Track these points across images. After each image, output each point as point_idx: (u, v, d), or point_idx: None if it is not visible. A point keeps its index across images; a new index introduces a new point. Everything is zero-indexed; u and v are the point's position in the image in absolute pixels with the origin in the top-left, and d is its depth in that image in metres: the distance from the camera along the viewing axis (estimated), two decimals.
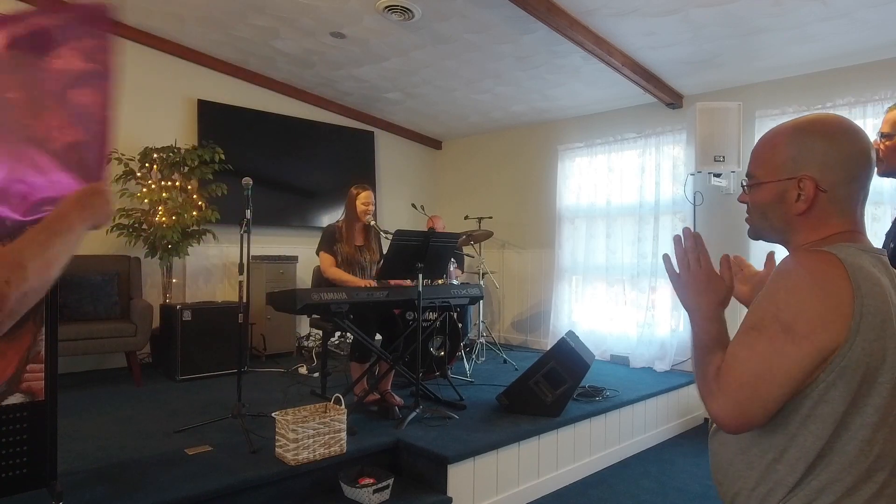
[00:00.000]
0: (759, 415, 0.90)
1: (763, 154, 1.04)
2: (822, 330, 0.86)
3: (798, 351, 0.87)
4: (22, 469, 2.07)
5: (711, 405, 0.94)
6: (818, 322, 0.87)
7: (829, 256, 0.91)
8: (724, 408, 0.92)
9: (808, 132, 0.99)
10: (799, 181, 0.97)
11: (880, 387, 0.88)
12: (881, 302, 0.88)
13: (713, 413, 0.94)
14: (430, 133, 7.17)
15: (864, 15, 3.54)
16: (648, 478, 3.42)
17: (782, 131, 1.02)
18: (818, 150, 0.97)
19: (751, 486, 0.96)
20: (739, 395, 0.91)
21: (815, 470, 0.90)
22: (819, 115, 1.02)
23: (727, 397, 0.92)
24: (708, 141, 4.39)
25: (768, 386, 0.88)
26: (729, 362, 0.94)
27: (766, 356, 0.89)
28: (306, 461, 2.58)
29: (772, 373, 0.88)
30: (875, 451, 0.88)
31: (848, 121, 1.00)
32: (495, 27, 4.17)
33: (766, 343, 0.89)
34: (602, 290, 5.54)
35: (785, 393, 0.89)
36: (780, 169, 1.00)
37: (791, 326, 0.88)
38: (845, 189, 0.97)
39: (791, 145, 0.99)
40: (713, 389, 0.94)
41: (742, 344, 0.93)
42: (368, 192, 3.70)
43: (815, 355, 0.87)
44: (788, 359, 0.87)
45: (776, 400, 0.89)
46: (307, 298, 3.11)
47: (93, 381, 4.26)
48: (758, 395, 0.89)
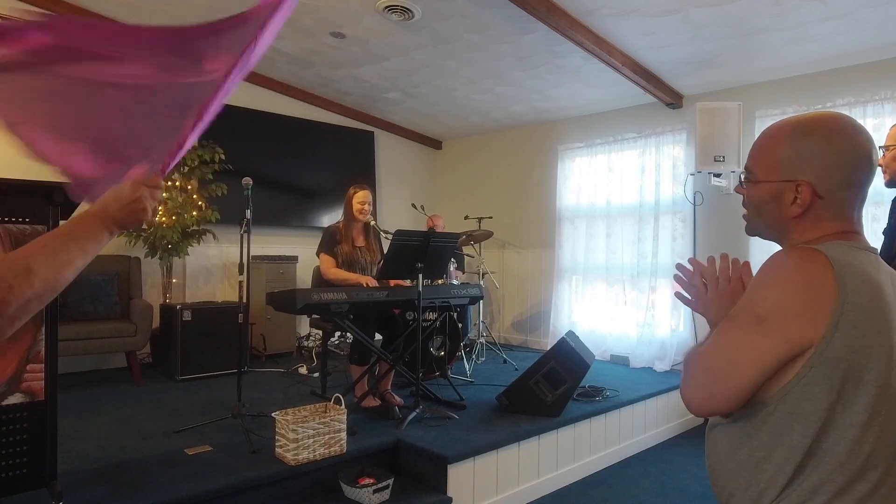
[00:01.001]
0: (722, 397, 0.93)
1: (762, 151, 1.03)
2: (796, 323, 0.87)
3: (767, 342, 0.89)
4: (22, 469, 2.07)
5: (682, 388, 0.99)
6: (792, 315, 0.88)
7: (814, 253, 0.91)
8: (691, 390, 0.97)
9: (809, 133, 0.97)
10: (797, 185, 0.96)
11: (868, 385, 0.88)
12: (869, 300, 0.88)
13: (682, 395, 0.99)
14: (430, 133, 7.17)
15: (864, 15, 3.54)
16: (648, 478, 3.42)
17: (783, 129, 1.00)
18: (817, 153, 0.95)
19: (743, 487, 0.96)
20: (705, 378, 0.95)
21: (805, 470, 0.90)
22: (821, 115, 1.00)
23: (694, 380, 0.97)
24: (708, 141, 4.39)
25: (733, 372, 0.91)
26: (703, 350, 0.98)
27: (735, 344, 0.92)
28: (306, 461, 2.58)
29: (738, 360, 0.91)
30: (866, 451, 0.88)
31: (850, 121, 0.98)
32: (495, 27, 4.17)
33: (739, 333, 0.93)
34: (602, 290, 5.54)
35: (750, 381, 0.91)
36: (778, 169, 0.99)
37: (763, 318, 0.90)
38: (842, 194, 0.96)
39: (791, 145, 0.98)
40: (684, 374, 0.99)
41: (717, 332, 0.98)
42: (365, 191, 3.69)
43: (785, 347, 0.88)
44: (756, 349, 0.90)
45: (741, 386, 0.91)
46: (307, 298, 3.11)
47: (93, 381, 4.26)
48: (722, 379, 0.93)
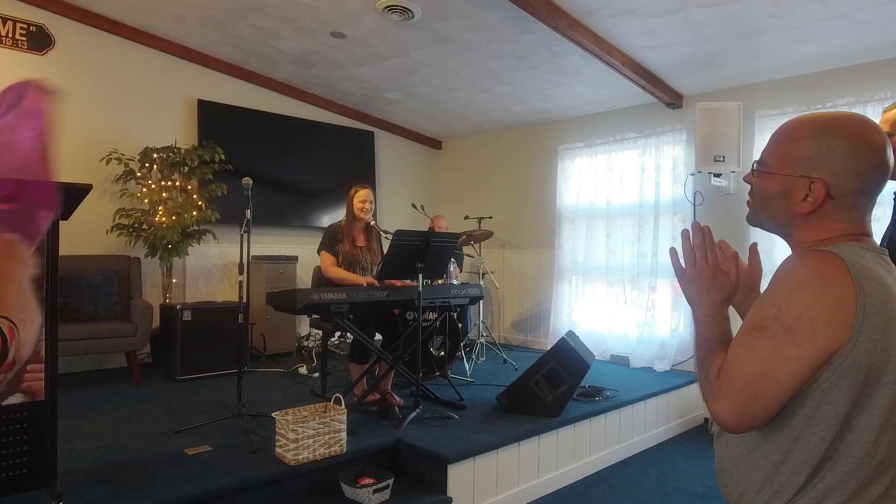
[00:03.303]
0: (761, 415, 0.90)
1: (781, 144, 1.00)
2: (824, 331, 0.85)
3: (799, 352, 0.86)
4: (22, 469, 2.07)
5: (713, 406, 0.94)
6: (819, 323, 0.86)
7: (831, 256, 0.90)
8: (726, 409, 0.91)
9: (834, 133, 0.94)
10: (811, 182, 0.95)
11: (885, 387, 0.87)
12: (884, 301, 0.87)
13: (715, 414, 0.93)
14: (430, 133, 7.17)
15: (864, 15, 3.54)
16: (648, 478, 3.42)
17: (808, 125, 0.98)
18: (839, 154, 0.93)
19: (756, 488, 0.95)
20: (741, 396, 0.90)
21: (820, 472, 0.89)
22: (848, 117, 0.97)
23: (729, 398, 0.91)
24: (708, 141, 4.39)
25: (770, 387, 0.88)
26: (731, 363, 0.93)
27: (768, 357, 0.88)
28: (306, 461, 2.57)
29: (773, 374, 0.88)
30: (881, 453, 0.88)
31: (874, 126, 0.95)
32: (495, 27, 4.17)
33: (768, 344, 0.89)
34: (602, 290, 5.54)
35: (786, 394, 0.88)
36: (795, 164, 0.97)
37: (792, 327, 0.87)
38: (854, 199, 0.95)
39: (813, 143, 0.95)
40: (715, 390, 0.94)
41: (744, 344, 0.92)
42: (367, 190, 3.69)
43: (816, 356, 0.86)
44: (790, 360, 0.87)
45: (777, 400, 0.89)
46: (307, 298, 3.11)
47: (93, 381, 4.26)
48: (759, 396, 0.89)
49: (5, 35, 4.33)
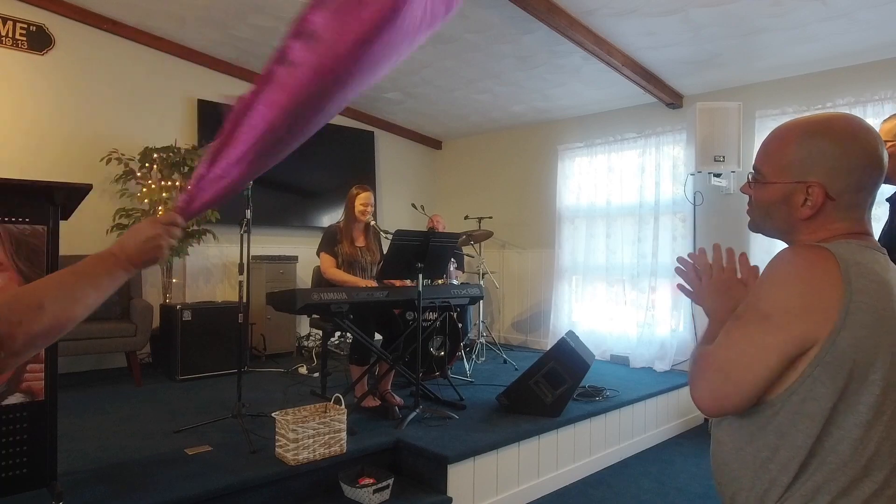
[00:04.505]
0: (734, 398, 0.93)
1: (772, 151, 1.02)
2: (800, 321, 0.87)
3: (771, 339, 0.89)
4: (22, 469, 2.07)
5: (692, 389, 0.99)
6: (796, 313, 0.88)
7: (821, 251, 0.91)
8: (700, 391, 0.96)
9: (821, 135, 0.96)
10: (808, 187, 0.96)
11: (872, 384, 0.87)
12: (877, 299, 0.87)
13: (692, 396, 0.98)
14: (430, 133, 7.17)
15: (864, 15, 3.54)
16: (648, 478, 3.42)
17: (792, 130, 0.99)
18: (828, 155, 0.95)
19: (748, 486, 0.96)
20: (714, 377, 0.94)
21: (808, 469, 0.90)
22: (831, 116, 0.98)
23: (703, 381, 0.96)
24: (708, 141, 4.39)
25: (742, 372, 0.91)
26: (710, 349, 0.98)
27: (741, 343, 0.92)
28: (306, 461, 2.58)
29: (746, 359, 0.91)
30: (870, 450, 0.88)
31: (860, 122, 0.97)
32: (495, 27, 4.17)
33: (742, 331, 0.93)
34: (602, 290, 5.54)
35: (760, 380, 0.90)
36: (788, 170, 0.98)
37: (768, 316, 0.90)
38: (853, 197, 0.96)
39: (802, 147, 0.97)
40: (693, 373, 0.99)
41: (724, 332, 0.97)
42: (368, 193, 3.69)
43: (790, 344, 0.88)
44: (764, 347, 0.90)
45: (750, 385, 0.91)
46: (307, 298, 3.11)
47: (93, 381, 4.26)
48: (730, 379, 0.92)
49: (5, 35, 4.33)
